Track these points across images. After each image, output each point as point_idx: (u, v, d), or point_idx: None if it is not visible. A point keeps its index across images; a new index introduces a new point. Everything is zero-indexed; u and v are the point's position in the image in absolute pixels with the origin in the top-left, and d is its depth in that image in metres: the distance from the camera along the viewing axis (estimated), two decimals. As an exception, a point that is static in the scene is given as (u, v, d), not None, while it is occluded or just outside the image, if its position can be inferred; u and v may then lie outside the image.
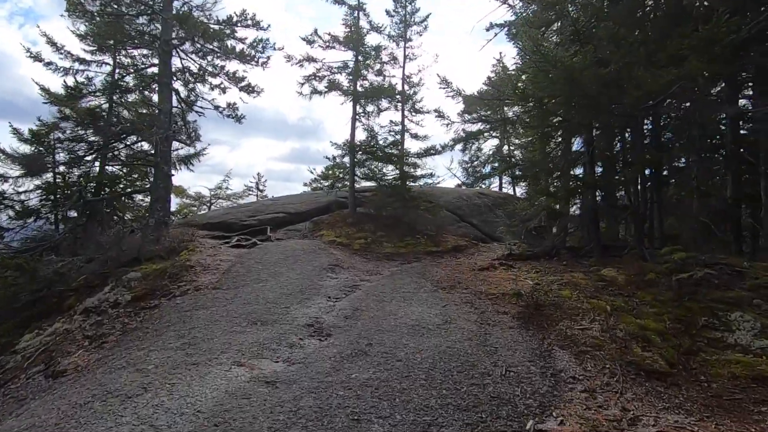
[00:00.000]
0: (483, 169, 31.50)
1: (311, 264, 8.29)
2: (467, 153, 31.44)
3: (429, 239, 11.12)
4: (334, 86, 11.77)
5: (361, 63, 12.18)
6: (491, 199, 18.58)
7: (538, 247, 10.31)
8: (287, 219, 12.75)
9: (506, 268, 8.26)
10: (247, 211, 13.18)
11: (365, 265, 8.79)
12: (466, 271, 8.09)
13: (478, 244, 11.98)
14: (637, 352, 4.72)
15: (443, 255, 10.15)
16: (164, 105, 10.93)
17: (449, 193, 17.08)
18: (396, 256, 9.61)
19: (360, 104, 12.80)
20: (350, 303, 6.10)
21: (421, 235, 11.45)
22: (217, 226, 12.53)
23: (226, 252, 9.71)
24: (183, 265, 8.56)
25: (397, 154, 12.35)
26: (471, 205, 16.79)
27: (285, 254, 9.01)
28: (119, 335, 5.98)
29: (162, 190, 10.72)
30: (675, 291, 5.98)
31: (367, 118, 13.16)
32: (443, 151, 14.93)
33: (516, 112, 20.65)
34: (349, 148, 11.88)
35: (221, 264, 8.64)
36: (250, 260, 8.71)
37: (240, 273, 7.90)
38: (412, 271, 8.15)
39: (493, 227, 16.15)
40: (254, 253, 9.35)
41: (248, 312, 5.80)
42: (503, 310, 5.83)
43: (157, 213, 10.61)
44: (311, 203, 13.70)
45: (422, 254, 9.94)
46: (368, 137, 13.31)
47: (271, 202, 14.09)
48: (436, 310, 5.76)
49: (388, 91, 11.99)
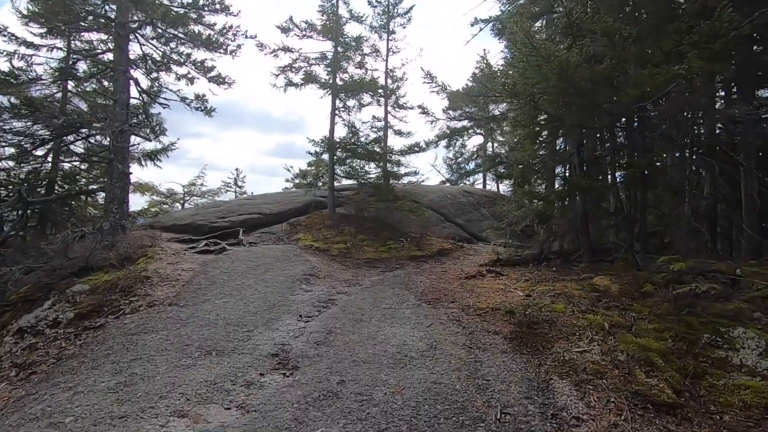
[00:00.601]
0: (467, 165, 31.16)
1: (284, 274, 7.56)
2: (451, 150, 31.02)
3: (413, 242, 10.50)
4: (311, 78, 10.97)
5: (340, 54, 11.40)
6: (476, 197, 18.10)
7: (526, 249, 9.82)
8: (262, 220, 11.94)
9: (494, 276, 7.71)
10: (218, 212, 12.31)
11: (344, 273, 8.11)
12: (452, 280, 7.49)
13: (463, 246, 11.44)
14: (642, 379, 4.20)
15: (428, 260, 9.54)
16: (120, 95, 9.96)
17: (433, 192, 16.50)
18: (378, 263, 8.95)
19: (340, 98, 12.04)
20: (323, 323, 5.41)
21: (404, 237, 10.82)
22: (185, 228, 11.63)
23: (190, 259, 8.88)
24: (138, 276, 7.72)
25: (380, 152, 11.67)
26: (456, 204, 16.26)
27: (256, 262, 8.25)
28: (52, 364, 5.15)
29: (118, 190, 9.78)
30: (673, 304, 5.51)
31: (348, 114, 12.43)
32: (427, 148, 14.34)
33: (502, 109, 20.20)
34: (328, 144, 11.13)
35: (182, 274, 7.83)
36: (216, 270, 7.92)
37: (202, 286, 7.11)
38: (395, 280, 7.51)
39: (479, 227, 15.67)
40: (222, 260, 8.55)
41: (204, 337, 5.06)
42: (494, 329, 5.25)
43: (113, 215, 9.68)
44: (288, 203, 12.91)
45: (406, 259, 9.32)
46: (349, 133, 12.58)
47: (246, 201, 13.23)
48: (420, 331, 5.13)
49: (370, 84, 11.27)
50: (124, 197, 9.94)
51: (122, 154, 9.88)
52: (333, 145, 11.15)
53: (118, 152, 9.81)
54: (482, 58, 27.56)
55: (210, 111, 12.57)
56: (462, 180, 31.21)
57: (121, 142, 9.70)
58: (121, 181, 9.86)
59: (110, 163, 9.91)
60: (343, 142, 11.42)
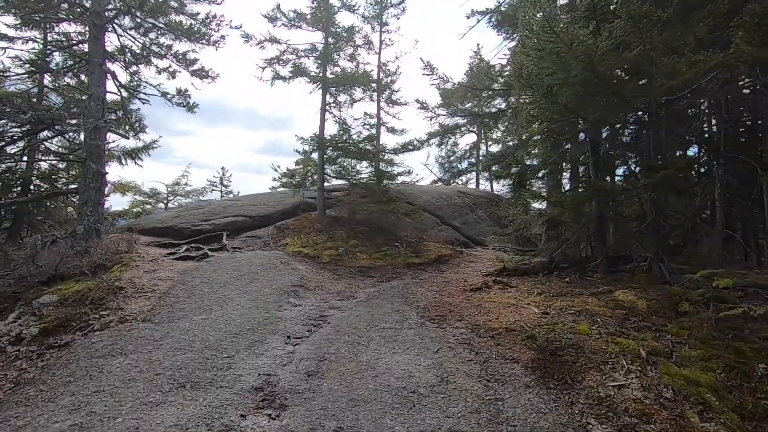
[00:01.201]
0: (459, 164, 30.63)
1: (270, 285, 6.82)
2: (443, 148, 30.47)
3: (409, 248, 9.81)
4: (299, 71, 10.20)
5: (331, 46, 10.65)
6: (472, 198, 17.49)
7: (531, 255, 9.20)
8: (247, 223, 11.15)
9: (502, 288, 7.05)
10: (201, 214, 11.49)
11: (336, 284, 7.39)
12: (456, 293, 6.82)
13: (462, 252, 10.78)
14: (696, 423, 3.56)
15: (426, 268, 8.86)
16: (95, 89, 9.10)
17: (428, 192, 15.84)
18: (372, 271, 8.24)
19: (330, 93, 11.29)
20: (315, 347, 4.69)
21: (400, 242, 10.13)
22: (165, 232, 10.80)
23: (169, 267, 8.08)
24: (111, 287, 6.92)
25: (373, 150, 10.95)
26: (452, 206, 15.63)
27: (239, 271, 7.49)
28: (8, 390, 4.37)
29: (92, 191, 8.94)
30: (715, 326, 4.90)
31: (339, 110, 11.69)
32: (422, 147, 13.68)
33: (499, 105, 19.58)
34: (318, 142, 10.39)
35: (159, 285, 7.04)
36: (196, 279, 7.15)
37: (180, 298, 6.34)
38: (393, 292, 6.81)
39: (476, 229, 15.06)
40: (203, 268, 7.78)
41: (178, 364, 4.31)
42: (511, 356, 4.58)
43: (87, 218, 8.84)
44: (275, 205, 12.13)
45: (402, 267, 8.63)
46: (340, 130, 11.84)
47: (230, 202, 12.43)
48: (427, 358, 4.44)
49: (363, 78, 10.54)
50: (100, 199, 9.10)
51: (97, 153, 9.03)
52: (323, 143, 10.41)
53: (92, 150, 8.97)
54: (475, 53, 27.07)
55: (193, 107, 11.75)
56: (454, 179, 30.67)
57: (95, 139, 8.86)
58: (96, 181, 9.02)
59: (84, 162, 9.07)
60: (333, 140, 10.69)
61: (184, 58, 10.91)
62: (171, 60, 10.95)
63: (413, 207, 11.37)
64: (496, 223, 16.69)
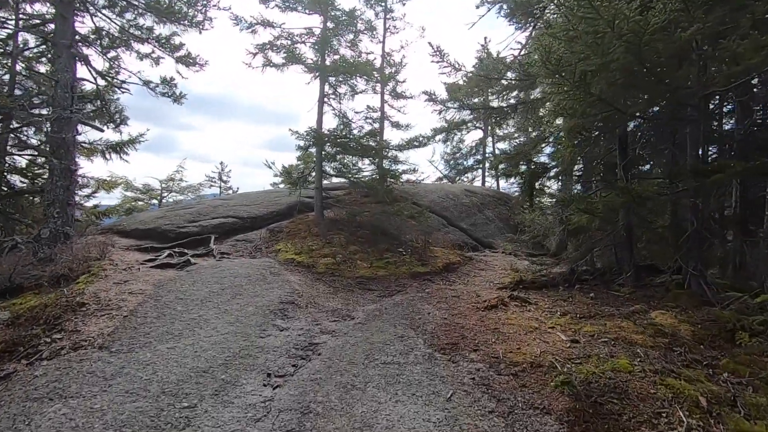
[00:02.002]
0: (465, 161, 29.70)
1: (255, 302, 5.93)
2: (449, 145, 29.52)
3: (414, 254, 8.91)
4: (294, 58, 9.25)
5: (330, 31, 9.69)
6: (480, 198, 16.56)
7: (544, 258, 8.29)
8: (238, 225, 10.27)
9: (520, 305, 6.16)
10: (188, 214, 10.61)
11: (332, 299, 6.50)
12: (468, 311, 5.92)
13: (472, 258, 9.87)
14: None
15: (434, 278, 7.97)
16: (63, 75, 8.18)
17: (434, 192, 14.91)
18: (373, 283, 7.35)
19: (329, 83, 10.34)
20: (299, 392, 3.81)
21: (404, 247, 9.23)
22: (148, 234, 9.93)
23: (144, 277, 7.21)
24: (71, 302, 6.07)
25: (376, 147, 10.02)
26: (459, 206, 14.70)
27: (222, 284, 6.61)
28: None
29: (59, 190, 8.06)
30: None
31: (339, 102, 10.74)
32: (428, 143, 12.71)
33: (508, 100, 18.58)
34: (316, 137, 9.46)
35: (128, 300, 6.17)
36: (171, 294, 6.28)
37: (147, 319, 5.47)
38: (396, 311, 5.91)
39: (485, 231, 14.14)
40: (182, 280, 6.90)
41: (122, 419, 3.43)
42: (542, 404, 3.69)
43: (53, 221, 7.96)
44: (269, 205, 11.23)
45: (407, 278, 7.73)
46: (340, 124, 10.92)
47: (221, 202, 11.54)
48: (437, 409, 3.55)
49: (365, 67, 9.59)
50: (69, 198, 8.21)
51: (64, 147, 8.13)
52: (321, 138, 9.48)
53: (59, 144, 8.07)
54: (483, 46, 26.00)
55: (179, 97, 10.85)
56: (460, 177, 29.73)
57: (60, 131, 7.96)
58: (64, 179, 8.13)
59: (49, 157, 8.18)
60: (333, 135, 9.76)
61: (168, 42, 9.98)
62: (153, 44, 10.02)
63: (419, 209, 10.46)
64: (505, 224, 15.78)
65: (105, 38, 9.79)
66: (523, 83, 7.62)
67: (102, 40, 9.74)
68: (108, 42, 9.83)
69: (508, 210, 17.22)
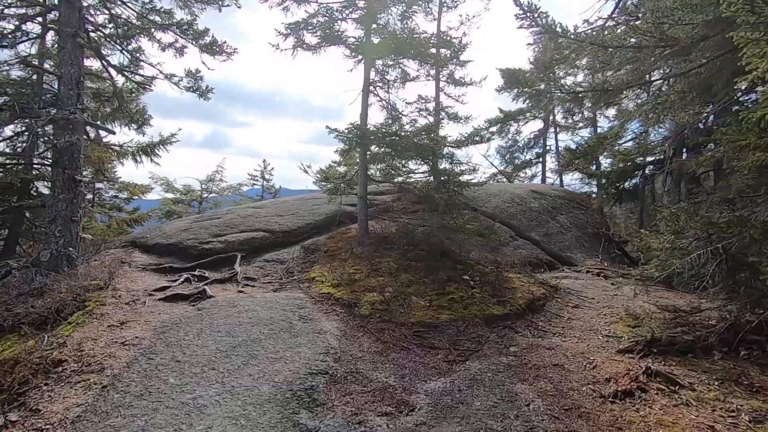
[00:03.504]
0: (522, 155, 26.99)
1: (274, 372, 4.24)
2: (504, 137, 26.83)
3: (484, 284, 6.91)
4: (333, 37, 7.44)
5: (375, 2, 7.78)
6: (550, 200, 14.11)
7: (629, 268, 6.04)
8: (268, 241, 8.73)
9: (668, 391, 4.01)
10: (215, 226, 9.23)
11: (380, 367, 4.67)
12: (587, 401, 3.89)
13: (557, 288, 7.70)
14: None
15: (516, 324, 5.94)
16: (67, 69, 6.91)
17: (497, 195, 12.67)
18: (435, 334, 5.46)
19: (376, 69, 8.48)
20: None
21: (470, 274, 7.24)
22: (169, 250, 8.64)
23: (147, 315, 5.77)
24: (47, 358, 4.70)
25: (432, 145, 8.05)
26: (527, 212, 12.41)
27: (235, 334, 5.00)
28: None
29: (62, 204, 6.83)
30: None
31: (388, 91, 8.86)
32: (491, 138, 10.66)
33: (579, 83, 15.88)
34: (360, 136, 7.66)
35: (117, 356, 4.71)
36: (170, 349, 4.74)
37: (127, 397, 3.93)
38: (477, 394, 3.99)
39: (560, 243, 11.78)
40: (188, 324, 5.37)
41: None
42: None
43: (55, 241, 6.74)
44: (306, 215, 9.62)
45: (480, 324, 5.77)
46: (388, 118, 9.06)
47: (253, 210, 10.08)
48: None
49: (419, 44, 7.62)
50: (73, 214, 6.97)
51: (68, 153, 6.88)
52: (365, 136, 7.66)
53: (61, 151, 6.83)
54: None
55: (205, 92, 9.46)
56: (517, 172, 27.07)
57: (62, 135, 6.69)
58: (68, 191, 6.90)
59: (54, 165, 6.97)
60: (380, 132, 7.91)
61: (190, 28, 8.55)
62: (175, 32, 8.62)
63: (489, 223, 8.42)
64: (582, 233, 13.26)
65: (122, 26, 8.51)
66: (653, 52, 5.37)
67: (118, 29, 8.47)
68: (126, 30, 8.54)
69: (584, 214, 14.66)
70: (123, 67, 8.73)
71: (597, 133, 16.19)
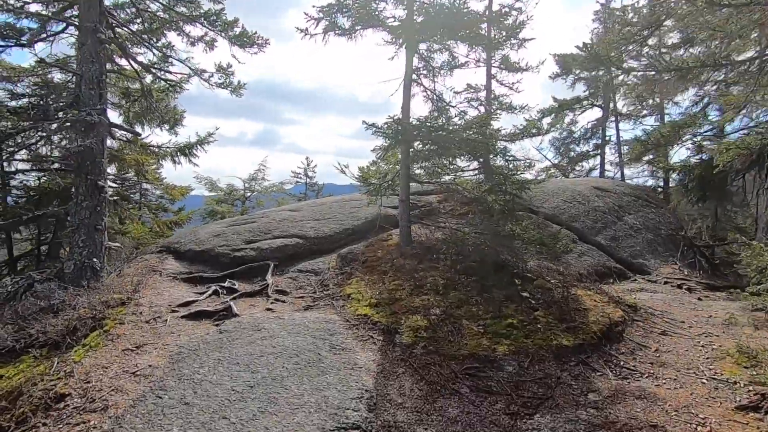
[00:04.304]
0: (577, 146, 24.89)
1: (293, 427, 3.45)
2: (557, 128, 24.78)
3: (548, 304, 5.79)
4: (369, 18, 6.52)
5: (420, -23, 6.77)
6: (615, 198, 12.49)
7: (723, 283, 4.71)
8: (303, 248, 8.03)
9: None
10: (248, 231, 8.67)
11: (425, 421, 3.75)
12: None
13: (636, 307, 6.41)
14: None
15: (591, 359, 4.82)
16: (87, 67, 6.49)
17: (556, 193, 11.27)
18: (492, 372, 4.45)
19: (419, 54, 7.47)
20: None
21: (530, 291, 6.14)
22: (201, 257, 8.17)
23: (167, 336, 5.21)
24: (50, 392, 4.20)
25: (485, 140, 6.96)
26: (591, 212, 10.95)
27: (256, 369, 4.27)
28: None
29: (85, 212, 6.43)
30: None
31: (433, 79, 7.84)
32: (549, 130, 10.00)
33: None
34: (402, 132, 6.73)
35: (125, 390, 4.13)
36: (183, 385, 4.09)
37: (120, 456, 3.29)
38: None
39: (630, 248, 10.27)
40: (207, 353, 4.72)
41: None
42: None
43: (78, 252, 6.36)
44: (344, 219, 8.84)
45: (548, 359, 4.69)
46: (434, 110, 8.05)
47: (288, 214, 9.45)
48: None
49: (470, 22, 6.53)
50: (97, 222, 6.58)
51: (91, 158, 6.48)
52: (408, 131, 6.71)
53: (82, 156, 6.43)
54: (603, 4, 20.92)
55: (237, 89, 8.89)
56: (572, 166, 25.02)
57: (86, 138, 6.28)
58: (91, 198, 6.50)
59: (76, 171, 6.60)
60: (425, 125, 6.92)
61: (219, 18, 7.96)
62: (204, 24, 8.07)
63: (550, 227, 7.24)
64: (655, 235, 11.59)
65: (149, 21, 8.07)
66: None
67: (146, 23, 8.04)
68: (152, 25, 8.09)
69: (655, 213, 12.91)
70: (151, 64, 8.31)
71: (672, 121, 14.22)
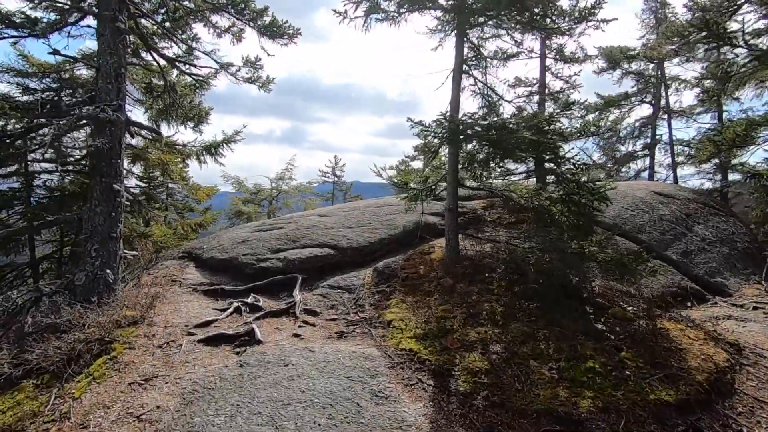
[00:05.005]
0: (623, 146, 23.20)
1: None
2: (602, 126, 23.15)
3: (633, 341, 4.74)
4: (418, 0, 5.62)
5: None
6: (680, 204, 11.12)
7: None
8: (334, 260, 7.23)
9: None
10: (274, 239, 7.96)
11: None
12: None
13: (740, 347, 5.25)
14: None
15: (703, 420, 3.76)
16: (105, 60, 5.88)
17: (615, 200, 10.01)
18: (579, 439, 3.48)
19: (470, 42, 6.52)
20: None
21: (606, 321, 5.10)
22: (223, 266, 7.52)
23: (181, 366, 4.49)
24: (41, 438, 3.53)
25: (548, 141, 5.94)
26: (657, 221, 9.68)
27: (278, 422, 3.46)
28: None
29: (99, 218, 5.82)
30: None
31: (484, 71, 6.86)
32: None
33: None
34: (449, 131, 5.81)
35: (120, 446, 3.40)
36: (189, 443, 3.33)
37: None
38: None
39: (706, 264, 8.96)
40: (223, 394, 3.96)
41: None
42: None
43: (90, 262, 5.76)
44: (379, 227, 7.98)
45: (647, 421, 3.66)
46: (483, 107, 7.08)
47: (317, 220, 8.67)
48: None
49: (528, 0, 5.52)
50: (112, 229, 5.97)
51: (107, 158, 5.88)
52: (460, 131, 5.79)
53: (98, 156, 5.84)
54: None
55: (266, 83, 8.21)
56: (619, 168, 23.35)
57: (102, 137, 5.67)
58: (106, 203, 5.90)
59: (91, 175, 6.02)
60: (478, 124, 5.97)
61: (247, 7, 7.27)
62: (230, 13, 7.40)
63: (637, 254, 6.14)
64: (730, 249, 10.17)
65: (173, 11, 7.45)
66: None
67: (169, 13, 7.43)
68: (176, 14, 7.47)
69: (725, 222, 11.43)
70: (176, 57, 7.70)
71: (746, 117, 12.66)
